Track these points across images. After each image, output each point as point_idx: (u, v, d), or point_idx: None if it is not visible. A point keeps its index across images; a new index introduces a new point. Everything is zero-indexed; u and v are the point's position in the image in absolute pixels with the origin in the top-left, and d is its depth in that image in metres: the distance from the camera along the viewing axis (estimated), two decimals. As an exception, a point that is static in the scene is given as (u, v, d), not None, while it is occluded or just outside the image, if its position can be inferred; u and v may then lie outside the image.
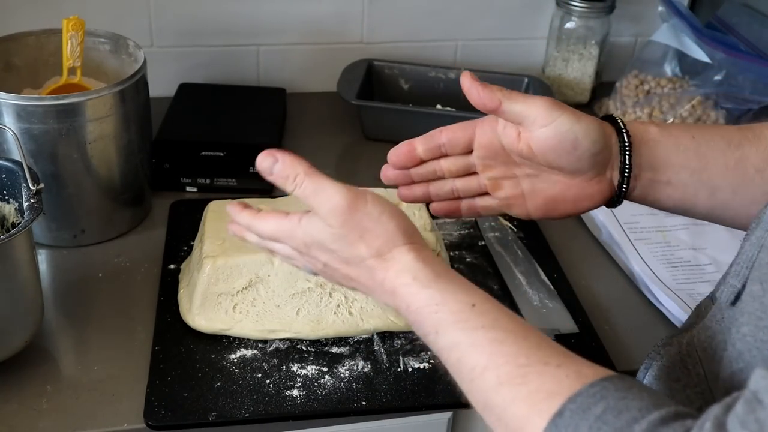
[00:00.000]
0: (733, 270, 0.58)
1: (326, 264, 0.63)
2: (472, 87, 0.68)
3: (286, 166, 0.63)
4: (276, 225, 0.64)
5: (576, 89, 1.36)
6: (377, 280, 0.60)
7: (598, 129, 0.66)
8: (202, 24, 1.27)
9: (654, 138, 0.67)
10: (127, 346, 0.83)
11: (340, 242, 0.61)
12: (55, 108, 0.87)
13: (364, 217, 0.60)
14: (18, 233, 0.72)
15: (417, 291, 0.58)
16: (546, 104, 0.66)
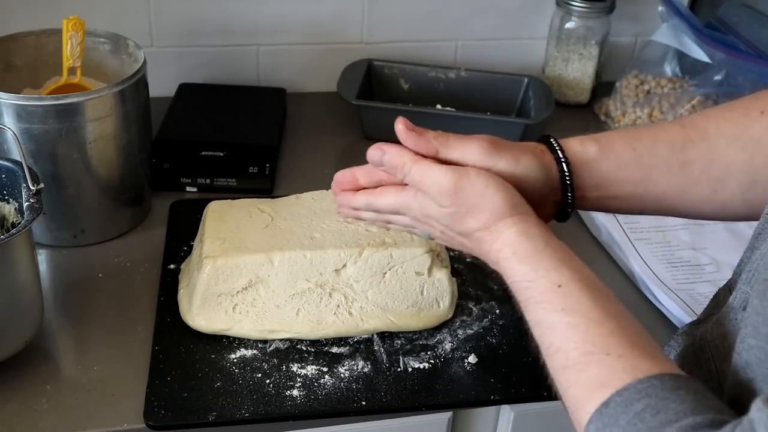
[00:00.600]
0: (744, 277, 0.60)
1: (443, 232, 0.68)
2: (408, 138, 0.69)
3: (394, 157, 0.67)
4: (395, 198, 0.69)
5: (576, 89, 1.36)
6: (485, 251, 0.65)
7: (538, 166, 0.67)
8: (202, 24, 1.27)
9: (594, 158, 0.68)
10: (127, 346, 0.83)
11: (451, 218, 0.65)
12: (55, 108, 0.87)
13: (469, 194, 0.64)
14: (18, 233, 0.72)
15: (514, 266, 0.62)
16: (482, 149, 0.67)
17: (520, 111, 1.28)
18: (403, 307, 0.85)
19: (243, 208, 0.90)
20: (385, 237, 0.85)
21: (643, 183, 0.68)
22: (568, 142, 0.70)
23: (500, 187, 0.64)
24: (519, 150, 0.68)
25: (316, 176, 1.14)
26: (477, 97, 1.28)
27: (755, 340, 0.53)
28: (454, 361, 0.83)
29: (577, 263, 0.61)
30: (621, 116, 1.27)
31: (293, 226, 0.86)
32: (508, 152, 0.67)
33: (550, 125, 1.30)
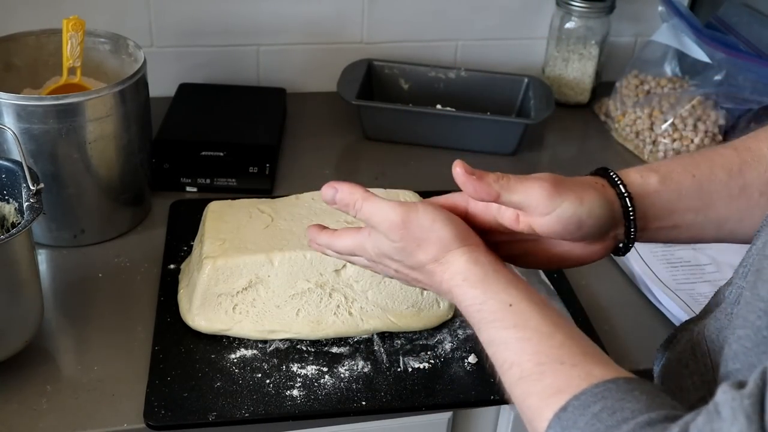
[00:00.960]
0: (740, 271, 0.61)
1: (397, 270, 0.69)
2: (468, 182, 0.64)
3: (345, 195, 0.69)
4: (351, 241, 0.71)
5: (576, 89, 1.36)
6: (437, 282, 0.66)
7: (602, 205, 0.65)
8: (202, 24, 1.27)
9: (655, 189, 0.67)
10: (127, 346, 0.83)
11: (402, 253, 0.67)
12: (55, 108, 0.87)
13: (417, 228, 0.66)
14: (18, 233, 0.72)
15: (465, 291, 0.63)
16: (545, 192, 0.63)
17: (520, 111, 1.28)
18: (403, 308, 0.85)
19: (243, 208, 0.90)
20: (385, 237, 0.85)
21: (703, 210, 0.67)
22: (628, 174, 0.68)
23: (447, 221, 0.66)
24: (581, 188, 0.65)
25: (316, 176, 1.14)
26: (477, 97, 1.28)
27: (743, 330, 0.53)
28: (454, 361, 0.83)
29: (524, 284, 0.63)
30: (621, 116, 1.27)
31: (293, 226, 0.86)
32: (571, 193, 0.64)
33: (550, 125, 1.30)
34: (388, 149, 1.22)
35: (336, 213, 0.88)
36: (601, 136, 1.31)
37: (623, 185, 0.66)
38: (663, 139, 1.20)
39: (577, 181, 0.66)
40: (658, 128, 1.21)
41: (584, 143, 1.32)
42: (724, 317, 0.61)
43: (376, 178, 1.15)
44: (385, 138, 1.24)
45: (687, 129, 1.19)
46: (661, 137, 1.20)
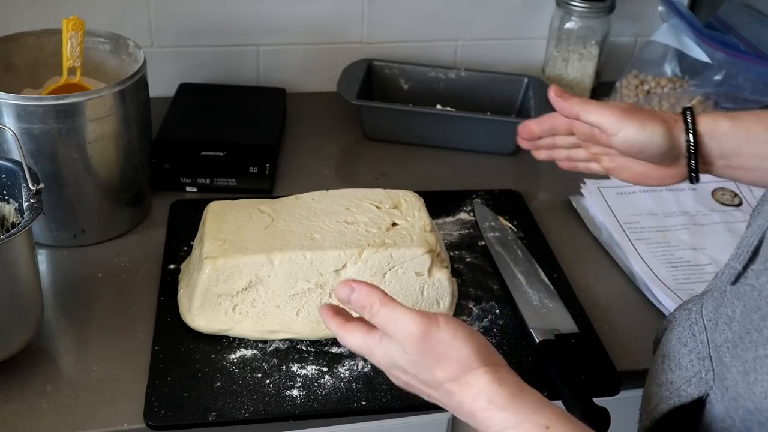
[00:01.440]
0: (736, 252, 0.63)
1: (407, 383, 0.65)
2: (556, 102, 0.80)
3: (362, 296, 0.64)
4: (360, 341, 0.66)
5: (576, 89, 1.36)
6: (456, 403, 0.61)
7: (663, 133, 0.75)
8: (202, 24, 1.27)
9: (724, 132, 0.75)
10: (127, 346, 0.83)
11: (417, 367, 0.62)
12: (55, 108, 0.87)
13: (437, 343, 0.61)
14: (18, 233, 0.72)
15: (493, 415, 0.59)
16: (615, 114, 0.76)
17: (520, 111, 1.28)
18: (403, 307, 0.85)
19: (243, 208, 0.90)
20: (385, 238, 0.85)
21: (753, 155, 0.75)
22: (703, 115, 0.76)
23: (470, 338, 0.62)
24: (647, 117, 0.76)
25: (316, 176, 1.14)
26: (477, 97, 1.28)
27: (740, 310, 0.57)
28: (454, 361, 0.82)
29: (554, 406, 0.60)
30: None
31: (293, 226, 0.86)
32: (635, 119, 0.75)
33: (550, 125, 1.30)
34: (388, 149, 1.22)
35: (335, 213, 0.89)
36: (601, 136, 1.31)
37: (693, 123, 0.75)
38: (663, 139, 1.20)
39: (648, 111, 0.77)
40: (658, 128, 1.21)
41: (584, 143, 1.31)
42: (719, 297, 0.63)
43: (376, 178, 1.15)
44: (385, 138, 1.24)
45: (687, 129, 1.19)
46: (661, 137, 1.20)
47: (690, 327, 0.66)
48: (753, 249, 0.61)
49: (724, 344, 0.60)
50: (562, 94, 0.80)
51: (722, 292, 0.63)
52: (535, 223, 1.04)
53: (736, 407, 0.58)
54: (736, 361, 0.58)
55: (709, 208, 1.08)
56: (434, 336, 0.61)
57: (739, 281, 0.61)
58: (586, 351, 0.84)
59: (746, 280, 0.60)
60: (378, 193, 0.93)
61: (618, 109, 0.76)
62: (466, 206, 1.07)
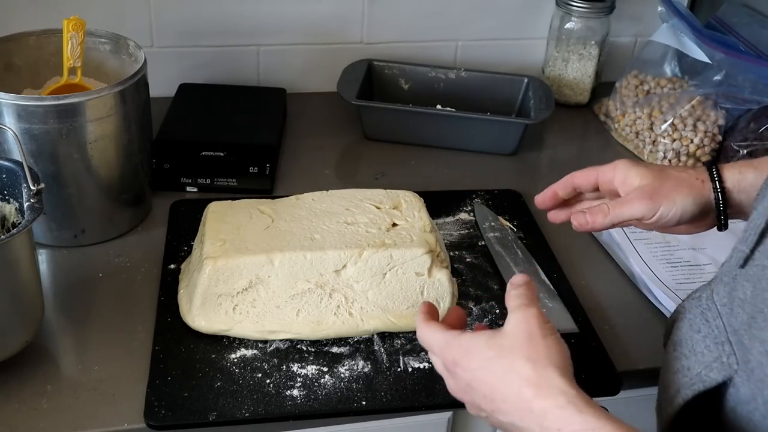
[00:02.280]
0: (743, 236, 0.64)
1: (469, 383, 0.65)
2: (586, 227, 0.79)
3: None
4: (431, 334, 0.69)
5: (576, 89, 1.36)
6: (525, 399, 0.61)
7: (694, 201, 0.77)
8: (203, 24, 1.27)
9: (750, 183, 0.77)
10: (128, 345, 0.83)
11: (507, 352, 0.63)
12: (55, 108, 0.87)
13: (540, 342, 0.63)
14: (18, 233, 0.72)
15: (572, 414, 0.58)
16: (645, 203, 0.77)
17: (520, 111, 1.28)
18: (403, 308, 0.85)
19: (243, 208, 0.90)
20: (385, 238, 0.85)
21: None
22: (728, 169, 0.78)
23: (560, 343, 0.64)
24: (675, 190, 0.77)
25: (317, 176, 1.14)
26: (477, 97, 1.28)
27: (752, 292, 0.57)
28: (454, 361, 0.83)
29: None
30: (621, 116, 1.28)
31: (293, 227, 0.87)
32: (664, 198, 0.77)
33: (550, 125, 1.30)
34: (388, 149, 1.22)
35: (335, 214, 0.89)
36: (601, 136, 1.31)
37: (719, 180, 0.77)
38: (663, 139, 1.20)
39: (673, 181, 0.78)
40: (657, 128, 1.21)
41: (584, 143, 1.32)
42: (730, 280, 0.64)
43: (376, 178, 1.15)
44: (385, 138, 1.24)
45: (687, 129, 1.19)
46: (660, 137, 1.20)
47: (702, 313, 0.67)
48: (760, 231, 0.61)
49: (741, 327, 0.61)
50: (586, 222, 0.79)
51: (733, 276, 0.64)
52: (535, 223, 1.05)
53: (761, 388, 0.58)
54: (754, 342, 0.59)
55: (708, 208, 1.08)
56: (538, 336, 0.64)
57: (748, 264, 0.62)
58: (586, 351, 0.84)
59: (754, 261, 0.61)
60: (378, 194, 0.93)
61: (645, 196, 0.77)
62: (466, 206, 1.07)
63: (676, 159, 1.19)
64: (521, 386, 0.61)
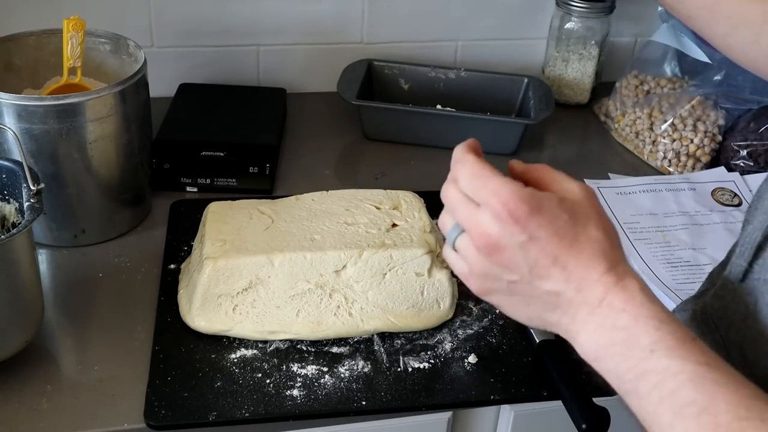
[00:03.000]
0: (738, 251, 0.63)
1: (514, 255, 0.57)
2: None
3: None
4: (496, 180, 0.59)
5: (576, 89, 1.36)
6: (595, 270, 0.55)
7: None
8: (203, 24, 1.27)
9: None
10: (128, 345, 0.83)
11: (582, 218, 0.56)
12: (55, 108, 0.87)
13: (607, 219, 0.58)
14: (18, 233, 0.73)
15: (643, 301, 0.54)
16: None
17: (520, 111, 1.28)
18: (403, 308, 0.85)
19: (243, 209, 0.90)
20: (385, 239, 0.85)
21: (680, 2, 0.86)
22: None
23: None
24: None
25: (317, 176, 1.14)
26: (477, 97, 1.28)
27: None
28: (454, 361, 0.83)
29: None
30: (621, 116, 1.28)
31: (293, 227, 0.87)
32: None
33: (550, 125, 1.30)
34: (388, 149, 1.22)
35: (335, 214, 0.89)
36: (601, 136, 1.31)
37: None
38: (663, 139, 1.20)
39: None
40: (657, 128, 1.21)
41: (584, 143, 1.32)
42: (727, 294, 0.63)
43: (376, 178, 1.15)
44: (385, 138, 1.24)
45: (687, 129, 1.19)
46: (660, 137, 1.20)
47: (698, 326, 0.66)
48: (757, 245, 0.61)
49: (743, 341, 0.60)
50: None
51: (731, 290, 0.63)
52: (535, 223, 1.04)
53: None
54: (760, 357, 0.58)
55: (708, 209, 1.08)
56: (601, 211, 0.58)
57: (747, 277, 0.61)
58: (585, 351, 0.84)
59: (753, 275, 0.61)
60: (378, 194, 0.93)
61: None
62: (466, 206, 1.07)
63: (675, 159, 1.19)
64: (596, 257, 0.55)
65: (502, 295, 0.60)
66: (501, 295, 0.60)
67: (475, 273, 0.60)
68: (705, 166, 1.19)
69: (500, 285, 0.59)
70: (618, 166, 1.21)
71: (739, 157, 1.17)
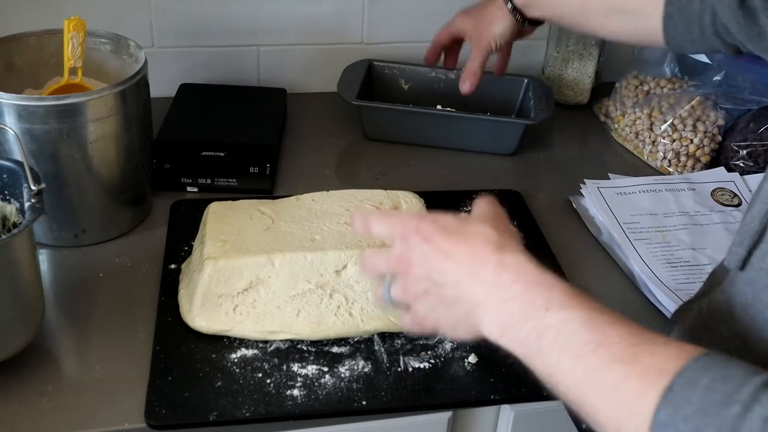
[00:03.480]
0: (738, 239, 0.64)
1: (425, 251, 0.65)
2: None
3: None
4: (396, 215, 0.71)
5: (576, 90, 1.36)
6: (484, 253, 0.62)
7: (504, 26, 1.06)
8: (203, 24, 1.27)
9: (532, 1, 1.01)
10: (128, 345, 0.83)
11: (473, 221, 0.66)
12: (56, 108, 0.87)
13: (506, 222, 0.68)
14: (19, 233, 0.73)
15: (532, 270, 0.61)
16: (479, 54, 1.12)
17: (520, 111, 1.28)
18: (403, 308, 0.85)
19: (243, 209, 0.90)
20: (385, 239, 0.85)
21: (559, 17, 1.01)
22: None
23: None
24: (491, 27, 1.07)
25: (317, 176, 1.14)
26: (477, 97, 1.28)
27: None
28: (454, 361, 0.83)
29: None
30: (620, 116, 1.28)
31: (294, 228, 0.87)
32: (484, 39, 1.08)
33: (550, 126, 1.30)
34: (388, 149, 1.22)
35: (335, 215, 0.89)
36: (601, 136, 1.31)
37: (511, 2, 1.02)
38: (662, 139, 1.20)
39: (486, 19, 1.07)
40: (657, 129, 1.21)
41: (584, 144, 1.32)
42: (730, 287, 0.64)
43: (376, 178, 1.15)
44: (385, 138, 1.24)
45: (686, 129, 1.19)
46: (660, 138, 1.20)
47: (704, 323, 0.67)
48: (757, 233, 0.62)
49: (745, 331, 0.61)
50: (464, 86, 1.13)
51: (731, 281, 0.64)
52: (535, 223, 1.05)
53: None
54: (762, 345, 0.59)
55: (708, 209, 1.09)
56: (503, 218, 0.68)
57: (747, 267, 0.62)
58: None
59: (753, 264, 0.61)
60: (378, 195, 0.93)
61: (476, 43, 1.10)
62: (466, 206, 1.07)
63: (675, 159, 1.19)
64: (482, 244, 0.63)
65: (433, 312, 0.66)
66: (433, 312, 0.66)
67: (411, 297, 0.67)
68: (705, 166, 1.19)
69: (428, 301, 0.66)
70: (618, 167, 1.21)
71: (739, 158, 1.17)
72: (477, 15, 1.09)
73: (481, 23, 1.07)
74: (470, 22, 1.09)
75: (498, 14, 1.04)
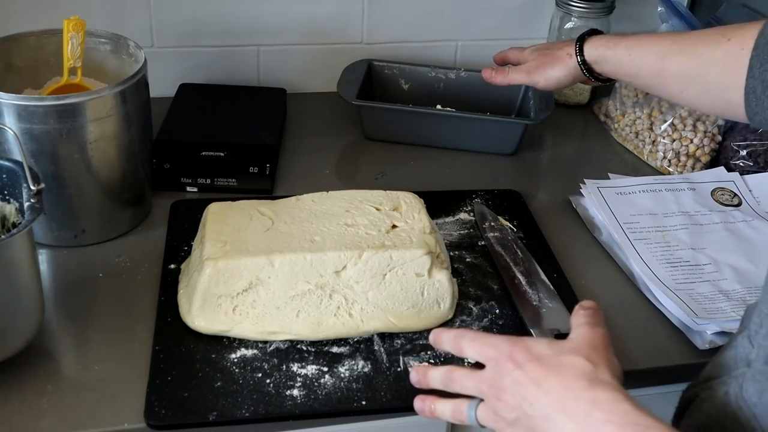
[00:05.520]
0: (761, 332, 0.62)
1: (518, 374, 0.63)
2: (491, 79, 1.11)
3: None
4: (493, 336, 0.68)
5: (575, 89, 1.36)
6: (575, 388, 0.60)
7: (564, 72, 1.00)
8: (203, 24, 1.27)
9: (618, 57, 0.94)
10: (128, 345, 0.83)
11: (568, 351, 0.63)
12: (55, 108, 0.87)
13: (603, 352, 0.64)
14: (18, 233, 0.73)
15: (627, 410, 0.58)
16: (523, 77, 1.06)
17: (519, 111, 1.28)
18: (403, 309, 0.85)
19: (243, 210, 0.90)
20: (385, 239, 0.86)
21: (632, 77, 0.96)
22: (594, 46, 0.97)
23: None
24: (550, 66, 1.01)
25: (317, 176, 1.14)
26: (477, 97, 1.28)
27: None
28: (454, 361, 0.83)
29: None
30: (620, 116, 1.28)
31: (293, 229, 0.87)
32: (540, 73, 1.03)
33: (550, 125, 1.30)
34: (388, 149, 1.22)
35: (335, 216, 0.89)
36: (601, 136, 1.31)
37: (581, 55, 0.98)
38: (662, 139, 1.20)
39: (550, 59, 1.02)
40: (657, 128, 1.21)
41: (584, 143, 1.32)
42: (762, 378, 0.61)
43: (376, 178, 1.15)
44: (385, 138, 1.24)
45: (686, 129, 1.19)
46: (660, 137, 1.20)
47: (733, 413, 0.64)
48: None
49: None
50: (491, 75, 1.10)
51: (764, 374, 0.61)
52: (535, 223, 1.05)
53: None
54: None
55: (708, 209, 1.09)
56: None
57: None
58: (585, 351, 0.84)
59: None
60: (378, 195, 0.93)
61: (524, 71, 1.04)
62: (466, 206, 1.07)
63: (675, 159, 1.19)
64: (575, 377, 0.60)
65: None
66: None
67: (502, 423, 0.65)
68: (705, 166, 1.19)
69: (517, 430, 0.64)
70: (618, 166, 1.21)
71: (739, 157, 1.17)
72: (546, 50, 1.04)
73: (546, 59, 1.02)
74: (537, 55, 1.04)
75: (565, 60, 0.99)
